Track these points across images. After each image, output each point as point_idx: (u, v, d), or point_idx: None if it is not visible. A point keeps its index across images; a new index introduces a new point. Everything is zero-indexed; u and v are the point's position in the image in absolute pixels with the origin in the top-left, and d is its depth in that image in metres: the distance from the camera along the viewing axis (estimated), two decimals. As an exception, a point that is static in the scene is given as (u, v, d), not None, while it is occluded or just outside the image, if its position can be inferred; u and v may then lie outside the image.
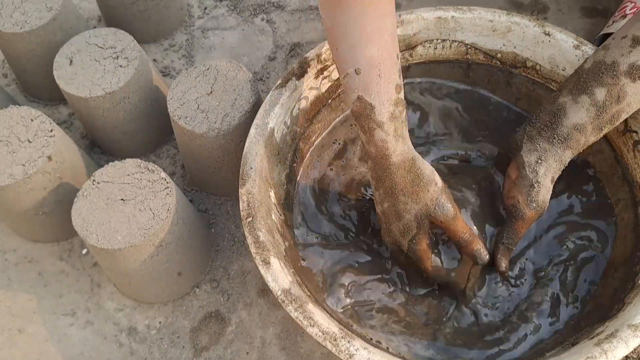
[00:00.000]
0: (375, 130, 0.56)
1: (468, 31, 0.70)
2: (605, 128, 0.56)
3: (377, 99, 0.55)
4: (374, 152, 0.57)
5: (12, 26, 0.74)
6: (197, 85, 0.69)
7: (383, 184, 0.58)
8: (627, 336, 0.51)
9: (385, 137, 0.56)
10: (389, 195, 0.58)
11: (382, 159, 0.57)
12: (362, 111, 0.56)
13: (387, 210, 0.59)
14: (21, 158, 0.65)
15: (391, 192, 0.58)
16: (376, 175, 0.58)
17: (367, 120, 0.56)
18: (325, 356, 0.67)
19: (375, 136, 0.56)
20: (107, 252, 0.60)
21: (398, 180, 0.57)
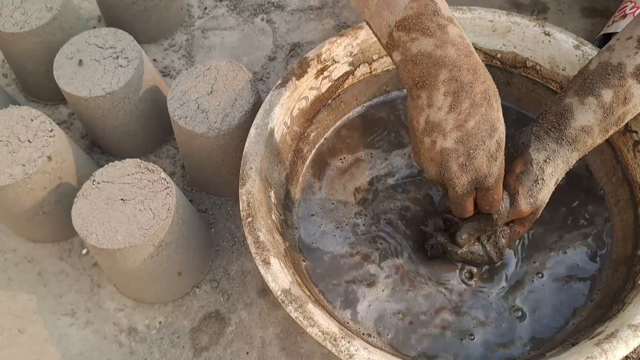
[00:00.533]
0: (447, 26, 0.47)
1: (468, 31, 0.70)
2: (611, 130, 0.55)
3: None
4: (454, 54, 0.46)
5: (12, 26, 0.74)
6: (197, 85, 0.69)
7: (471, 92, 0.47)
8: (627, 336, 0.51)
9: (460, 32, 0.48)
10: (480, 105, 0.47)
11: (466, 58, 0.47)
12: (424, 9, 0.47)
13: (475, 130, 0.47)
14: (21, 158, 0.65)
15: (484, 98, 0.47)
16: (458, 86, 0.46)
17: (434, 18, 0.47)
18: (325, 356, 0.67)
19: (451, 33, 0.47)
20: (107, 252, 0.60)
21: (489, 83, 0.48)
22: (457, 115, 0.47)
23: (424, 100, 0.48)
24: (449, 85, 0.47)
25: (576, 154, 0.56)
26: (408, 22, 0.47)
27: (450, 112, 0.47)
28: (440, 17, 0.47)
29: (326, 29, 0.93)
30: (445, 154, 0.48)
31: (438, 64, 0.47)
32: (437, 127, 0.47)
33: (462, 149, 0.47)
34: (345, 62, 0.69)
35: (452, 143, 0.47)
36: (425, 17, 0.46)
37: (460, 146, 0.47)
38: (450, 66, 0.46)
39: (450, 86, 0.47)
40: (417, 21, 0.47)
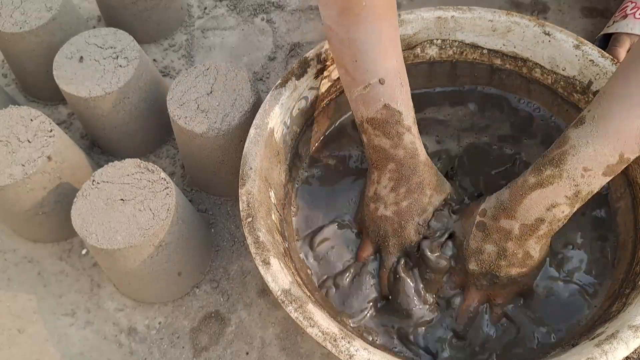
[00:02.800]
0: (404, 134, 0.59)
1: (468, 31, 0.70)
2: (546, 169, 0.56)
3: (402, 106, 0.59)
4: (402, 155, 0.60)
5: (11, 26, 0.74)
6: (197, 85, 0.69)
7: (407, 183, 0.60)
8: (628, 337, 0.51)
9: (413, 139, 0.60)
10: (414, 192, 0.61)
11: (411, 159, 0.60)
12: (390, 118, 0.59)
13: (406, 208, 0.61)
14: (21, 158, 0.65)
15: (418, 187, 0.61)
16: (399, 176, 0.60)
17: (395, 126, 0.59)
18: (325, 356, 0.67)
19: (405, 140, 0.59)
20: (107, 252, 0.60)
21: (426, 176, 0.61)
22: (396, 196, 0.61)
23: (375, 177, 0.62)
24: (393, 174, 0.61)
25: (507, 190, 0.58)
26: (376, 122, 0.59)
27: (391, 192, 0.61)
28: (400, 126, 0.59)
29: (326, 28, 0.93)
30: (384, 219, 0.62)
31: (389, 158, 0.60)
32: (381, 199, 0.62)
33: (396, 219, 0.61)
34: (345, 62, 0.69)
35: (390, 213, 0.61)
36: (389, 124, 0.59)
37: (396, 217, 0.61)
38: (397, 162, 0.60)
39: (393, 174, 0.61)
40: (382, 125, 0.59)
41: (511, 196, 0.57)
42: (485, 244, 0.59)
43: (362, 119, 0.60)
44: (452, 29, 0.70)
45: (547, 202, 0.56)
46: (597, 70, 0.65)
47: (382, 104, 0.58)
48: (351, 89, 0.60)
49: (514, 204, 0.57)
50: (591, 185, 0.55)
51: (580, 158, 0.54)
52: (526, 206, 0.56)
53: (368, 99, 0.58)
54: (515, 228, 0.57)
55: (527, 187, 0.56)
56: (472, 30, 0.70)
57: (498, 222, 0.58)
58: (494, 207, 0.59)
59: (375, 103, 0.58)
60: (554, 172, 0.55)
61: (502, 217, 0.58)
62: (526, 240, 0.57)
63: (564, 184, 0.55)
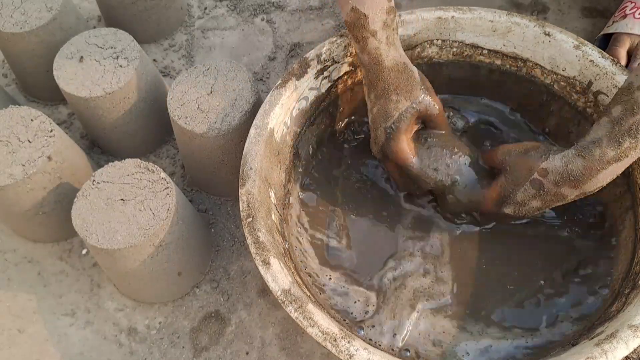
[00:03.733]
0: (368, 39, 0.60)
1: (468, 31, 0.70)
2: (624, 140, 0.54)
3: (370, 9, 0.59)
4: (367, 60, 0.61)
5: (12, 26, 0.74)
6: (197, 85, 0.69)
7: (375, 88, 0.62)
8: (627, 336, 0.51)
9: (378, 44, 0.60)
10: (381, 97, 0.62)
11: (375, 64, 0.61)
12: (356, 21, 0.59)
13: (377, 114, 0.62)
14: (21, 158, 0.65)
15: (383, 93, 0.62)
16: (369, 81, 0.62)
17: (360, 30, 0.59)
18: (325, 356, 0.67)
19: (369, 44, 0.60)
20: (107, 252, 0.60)
21: (391, 81, 0.61)
22: (369, 102, 0.64)
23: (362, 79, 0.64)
24: (365, 79, 0.63)
25: (580, 160, 0.56)
26: (347, 25, 0.61)
27: (367, 97, 0.64)
28: (364, 30, 0.60)
29: (326, 29, 0.93)
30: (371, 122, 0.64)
31: (360, 62, 0.63)
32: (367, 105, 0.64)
33: (372, 126, 0.64)
34: (345, 62, 0.69)
35: (370, 119, 0.64)
36: (355, 27, 0.60)
37: (372, 124, 0.64)
38: (365, 67, 0.62)
39: (365, 80, 0.63)
40: (351, 28, 0.61)
41: (585, 169, 0.56)
42: (534, 200, 0.59)
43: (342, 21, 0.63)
44: (453, 30, 0.70)
45: (618, 172, 0.56)
46: (597, 71, 0.65)
47: (350, 7, 0.59)
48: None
49: (586, 177, 0.56)
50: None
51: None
52: (597, 179, 0.56)
53: (341, 1, 0.60)
54: (573, 194, 0.57)
55: (605, 161, 0.55)
56: (473, 30, 0.70)
57: (559, 188, 0.57)
58: (560, 173, 0.57)
59: (345, 5, 0.59)
60: (631, 143, 0.54)
61: (566, 185, 0.57)
62: (574, 199, 0.58)
63: (636, 153, 0.55)
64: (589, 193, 0.57)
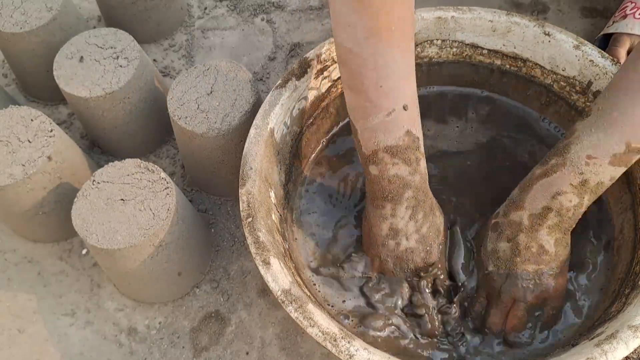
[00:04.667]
0: (421, 160, 0.58)
1: (468, 31, 0.70)
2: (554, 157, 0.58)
3: (419, 131, 0.58)
4: (418, 181, 0.58)
5: (12, 26, 0.74)
6: (197, 85, 0.69)
7: (423, 206, 0.59)
8: (627, 337, 0.51)
9: (425, 164, 0.60)
10: (429, 215, 0.60)
11: (424, 183, 0.59)
12: (411, 144, 0.57)
13: (428, 232, 0.60)
14: (21, 158, 0.65)
15: (430, 210, 0.60)
16: (417, 202, 0.59)
17: (414, 152, 0.57)
18: (325, 356, 0.67)
19: (422, 165, 0.59)
20: (107, 252, 0.60)
21: (433, 199, 0.61)
22: (415, 223, 0.59)
23: (388, 211, 0.59)
24: (410, 202, 0.59)
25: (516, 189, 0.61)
26: (396, 149, 0.56)
27: (410, 221, 0.59)
28: (418, 152, 0.58)
29: (326, 29, 0.93)
30: (410, 251, 0.60)
31: (406, 186, 0.58)
32: (401, 231, 0.59)
33: (421, 247, 0.60)
34: (345, 62, 0.69)
35: (414, 243, 0.60)
36: (410, 150, 0.57)
37: (420, 245, 0.60)
38: (414, 189, 0.58)
39: (410, 202, 0.59)
40: (403, 152, 0.57)
41: (519, 190, 0.60)
42: (499, 242, 0.60)
43: (377, 148, 0.57)
44: (452, 29, 0.70)
45: (553, 190, 0.57)
46: (597, 71, 0.65)
47: (404, 131, 0.56)
48: (369, 116, 0.56)
49: (521, 195, 0.59)
50: (599, 175, 0.55)
51: (584, 146, 0.55)
52: (532, 196, 0.58)
53: (391, 125, 0.55)
54: (524, 219, 0.58)
55: (534, 179, 0.59)
56: (472, 30, 0.70)
57: (508, 216, 0.60)
58: (505, 205, 0.61)
59: (398, 130, 0.56)
60: (557, 160, 0.56)
61: (511, 211, 0.60)
62: (537, 230, 0.58)
63: (567, 171, 0.56)
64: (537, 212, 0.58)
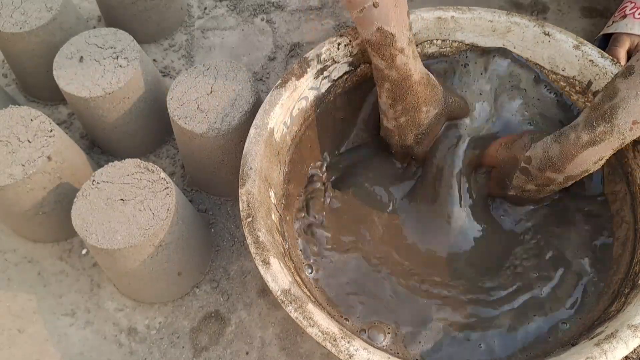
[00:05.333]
0: (397, 56, 0.61)
1: (468, 31, 0.70)
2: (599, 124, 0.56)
3: (396, 28, 0.60)
4: (395, 75, 0.62)
5: (12, 26, 0.74)
6: (197, 85, 0.69)
7: (403, 101, 0.64)
8: (627, 336, 0.51)
9: (406, 60, 0.62)
10: (410, 110, 0.64)
11: (404, 80, 0.62)
12: (383, 40, 0.60)
13: (406, 123, 0.65)
14: (21, 158, 0.65)
15: (413, 105, 0.64)
16: (395, 95, 0.63)
17: (388, 48, 0.61)
18: (325, 356, 0.67)
19: (397, 61, 0.61)
20: (106, 252, 0.60)
21: (420, 94, 0.64)
22: (394, 112, 0.65)
23: (378, 90, 0.66)
24: (389, 92, 0.64)
25: (557, 145, 0.59)
26: (371, 44, 0.61)
27: (390, 108, 0.65)
28: (392, 48, 0.61)
29: (326, 29, 0.93)
30: (388, 130, 0.68)
31: (384, 77, 0.63)
32: (384, 112, 0.67)
33: (397, 132, 0.67)
34: (345, 62, 0.69)
35: (391, 126, 0.67)
36: (382, 46, 0.61)
37: (396, 130, 0.67)
38: (391, 82, 0.63)
39: (389, 93, 0.64)
40: (377, 46, 0.61)
41: (562, 153, 0.59)
42: (528, 184, 0.63)
43: (362, 39, 0.63)
44: (452, 29, 0.70)
45: (597, 157, 0.58)
46: (596, 71, 0.65)
47: (375, 27, 0.60)
48: (351, 11, 0.61)
49: (564, 161, 0.59)
50: (635, 136, 0.56)
51: (631, 112, 0.55)
52: (576, 164, 0.59)
53: (364, 21, 0.60)
54: (560, 178, 0.61)
55: (580, 145, 0.58)
56: (472, 30, 0.70)
57: (544, 173, 0.61)
58: (541, 159, 0.61)
59: (369, 25, 0.60)
60: (606, 127, 0.56)
61: (549, 170, 0.60)
62: (567, 183, 0.62)
63: (614, 139, 0.56)
64: (577, 176, 0.60)
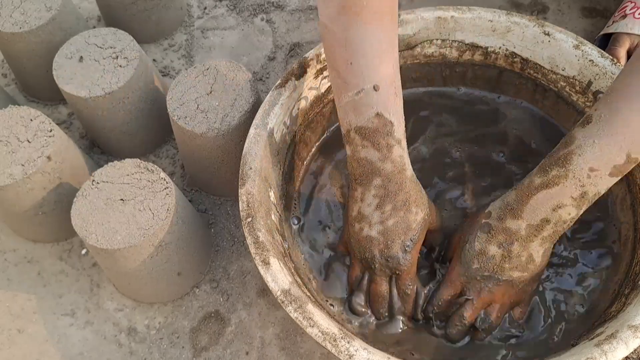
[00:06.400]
0: (394, 147, 0.56)
1: (467, 31, 0.70)
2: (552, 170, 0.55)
3: (395, 116, 0.56)
4: (390, 169, 0.57)
5: (11, 26, 0.74)
6: (196, 85, 0.69)
7: (394, 199, 0.57)
8: (627, 337, 0.51)
9: (402, 153, 0.57)
10: (400, 210, 0.58)
11: (398, 174, 0.57)
12: (382, 128, 0.55)
13: (393, 226, 0.58)
14: (20, 158, 0.65)
15: (404, 204, 0.58)
16: (385, 192, 0.57)
17: (386, 137, 0.56)
18: (325, 356, 0.67)
19: (394, 153, 0.56)
20: (106, 252, 0.60)
21: (412, 192, 0.58)
22: (381, 214, 0.57)
23: (359, 194, 0.58)
24: (378, 190, 0.57)
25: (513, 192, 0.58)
26: (365, 131, 0.56)
27: (376, 210, 0.58)
28: (390, 138, 0.56)
29: (326, 28, 0.93)
30: (369, 239, 0.58)
31: (375, 172, 0.57)
32: (365, 218, 0.58)
33: (382, 239, 0.58)
34: (345, 62, 0.69)
35: (375, 233, 0.58)
36: (379, 134, 0.55)
37: (381, 237, 0.58)
38: (384, 177, 0.57)
39: (379, 191, 0.57)
40: (372, 135, 0.56)
41: (517, 197, 0.57)
42: (489, 245, 0.57)
43: (349, 127, 0.57)
44: (452, 29, 0.70)
45: (554, 202, 0.55)
46: (596, 71, 0.65)
47: (374, 112, 0.55)
48: (341, 94, 0.56)
49: (520, 204, 0.56)
50: (597, 186, 0.54)
51: (587, 158, 0.53)
52: (532, 206, 0.55)
53: (359, 105, 0.55)
54: (522, 228, 0.56)
55: (533, 188, 0.56)
56: (472, 30, 0.70)
57: (504, 222, 0.57)
58: (500, 208, 0.58)
59: (366, 111, 0.55)
60: (559, 172, 0.54)
61: (508, 217, 0.57)
62: (531, 241, 0.56)
63: (569, 184, 0.54)
64: (535, 223, 0.56)
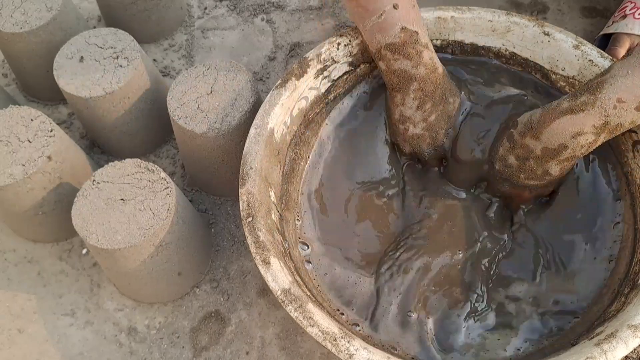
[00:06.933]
0: (423, 52, 0.62)
1: (467, 31, 0.70)
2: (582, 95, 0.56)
3: (417, 25, 0.62)
4: (423, 72, 0.62)
5: (12, 26, 0.74)
6: (197, 85, 0.69)
7: (433, 96, 0.63)
8: (627, 336, 0.51)
9: (432, 54, 0.63)
10: (440, 103, 0.64)
11: (432, 73, 0.63)
12: (409, 39, 0.61)
13: (436, 119, 0.64)
14: (21, 158, 0.65)
15: (442, 98, 0.64)
16: (423, 93, 0.63)
17: (415, 46, 0.61)
18: (325, 356, 0.67)
19: (424, 57, 0.62)
20: (107, 252, 0.60)
21: (446, 85, 0.64)
22: (423, 113, 0.64)
23: (398, 99, 0.65)
24: (416, 93, 0.63)
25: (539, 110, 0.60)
26: (395, 46, 0.62)
27: (418, 110, 0.64)
28: (419, 45, 0.62)
29: (326, 29, 0.93)
30: (416, 137, 0.66)
31: (411, 78, 0.63)
32: (409, 119, 0.65)
33: (427, 134, 0.65)
34: (345, 62, 0.69)
35: (420, 130, 0.65)
36: (408, 45, 0.61)
37: (426, 132, 0.65)
38: (419, 80, 0.63)
39: (417, 94, 0.63)
40: (401, 47, 0.61)
41: (541, 117, 0.59)
42: (509, 154, 0.62)
43: (379, 46, 0.62)
44: (452, 29, 0.70)
45: (575, 129, 0.56)
46: (596, 71, 0.65)
47: (399, 28, 0.60)
48: (364, 20, 0.62)
49: (541, 125, 0.58)
50: (621, 118, 0.55)
51: (617, 88, 0.54)
52: (553, 130, 0.57)
53: (385, 25, 0.61)
54: (537, 149, 0.59)
55: (559, 111, 0.57)
56: (472, 30, 0.70)
57: (524, 138, 0.60)
58: (524, 123, 0.61)
59: (392, 28, 0.61)
60: (588, 99, 0.55)
61: (528, 135, 0.60)
62: (546, 162, 0.60)
63: (595, 112, 0.55)
64: (552, 147, 0.58)
